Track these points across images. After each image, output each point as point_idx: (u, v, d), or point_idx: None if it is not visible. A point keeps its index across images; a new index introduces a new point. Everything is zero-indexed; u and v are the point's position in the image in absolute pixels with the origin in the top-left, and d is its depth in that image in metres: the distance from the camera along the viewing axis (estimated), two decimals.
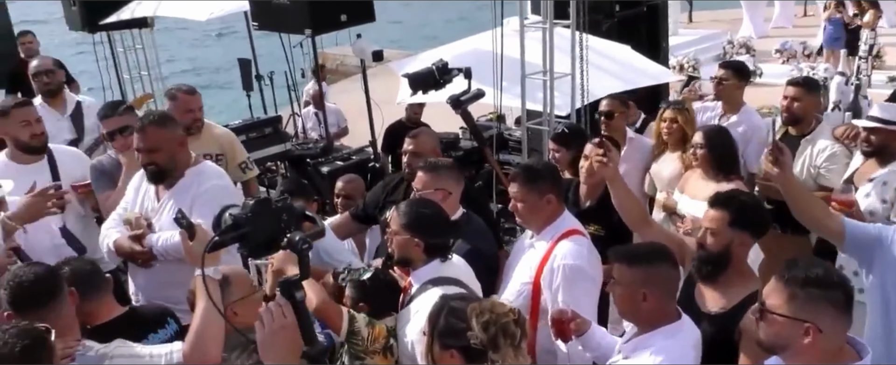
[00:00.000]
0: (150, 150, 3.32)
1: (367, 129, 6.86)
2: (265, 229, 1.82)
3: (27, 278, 2.49)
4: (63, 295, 2.53)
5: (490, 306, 2.17)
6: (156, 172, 3.35)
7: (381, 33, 6.10)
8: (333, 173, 6.05)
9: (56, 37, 12.80)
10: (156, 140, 3.33)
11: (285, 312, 1.80)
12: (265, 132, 5.95)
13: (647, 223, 3.29)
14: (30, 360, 2.08)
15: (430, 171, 3.35)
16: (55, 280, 2.55)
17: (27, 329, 2.12)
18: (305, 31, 5.63)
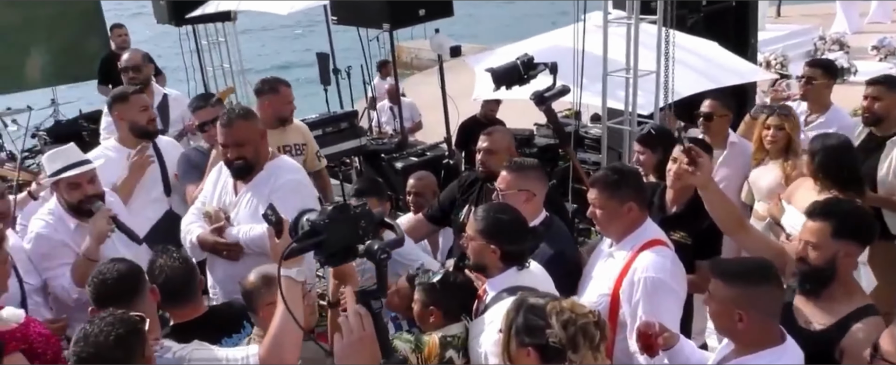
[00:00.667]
0: (238, 144, 3.31)
1: (440, 122, 6.78)
2: (342, 236, 1.74)
3: (111, 275, 2.50)
4: (144, 293, 2.54)
5: (570, 306, 2.07)
6: (243, 167, 3.33)
7: (455, 27, 6.01)
8: (407, 169, 5.99)
9: (148, 29, 13.24)
10: (244, 134, 3.32)
11: (365, 323, 1.71)
12: (341, 127, 5.94)
13: (744, 229, 3.06)
14: (125, 349, 2.06)
15: (515, 172, 3.22)
16: (138, 278, 2.55)
17: (123, 318, 2.10)
18: (383, 25, 5.58)
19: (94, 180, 3.29)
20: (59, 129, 7.45)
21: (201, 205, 3.51)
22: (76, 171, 3.21)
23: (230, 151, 3.31)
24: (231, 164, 3.35)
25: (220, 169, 3.52)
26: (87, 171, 3.24)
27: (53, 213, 3.30)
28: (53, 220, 3.28)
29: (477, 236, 2.69)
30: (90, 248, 3.16)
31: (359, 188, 3.64)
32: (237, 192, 3.42)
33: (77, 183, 3.23)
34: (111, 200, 3.46)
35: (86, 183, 3.23)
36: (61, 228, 3.27)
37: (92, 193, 3.23)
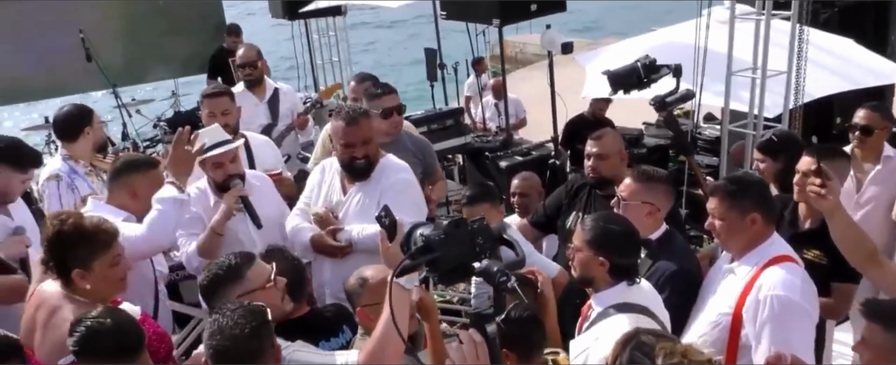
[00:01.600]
0: (364, 142, 3.27)
1: (545, 119, 6.55)
2: (458, 254, 1.60)
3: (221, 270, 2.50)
4: (306, 291, 2.60)
5: (683, 350, 1.84)
6: (366, 166, 3.30)
7: (562, 21, 5.77)
8: (511, 169, 5.83)
9: (261, 23, 13.65)
10: (368, 132, 3.30)
11: (480, 352, 1.57)
12: (446, 124, 5.85)
13: (876, 263, 2.70)
14: (259, 340, 2.04)
15: (642, 182, 3.01)
16: (302, 276, 2.60)
17: (254, 309, 2.08)
18: (493, 20, 5.43)
19: (236, 160, 3.39)
20: (178, 119, 7.72)
21: (304, 206, 3.47)
22: (217, 151, 3.31)
23: (356, 150, 3.27)
24: (352, 163, 3.29)
25: (323, 169, 3.48)
26: (227, 151, 3.34)
27: (201, 187, 3.45)
28: (198, 193, 3.42)
29: (584, 247, 2.51)
30: (217, 222, 3.26)
31: (472, 194, 3.47)
32: (346, 191, 3.36)
33: (220, 162, 3.34)
34: (256, 184, 3.53)
35: (227, 162, 3.34)
36: (202, 201, 3.40)
37: (233, 173, 3.33)
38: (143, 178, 3.26)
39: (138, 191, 3.23)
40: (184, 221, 3.35)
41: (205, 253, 3.27)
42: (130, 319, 2.32)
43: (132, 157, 3.26)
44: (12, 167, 3.28)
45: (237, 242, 3.39)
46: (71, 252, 2.52)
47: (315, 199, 3.45)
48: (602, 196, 3.64)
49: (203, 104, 4.15)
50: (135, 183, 3.26)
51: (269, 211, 3.54)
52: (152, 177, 3.27)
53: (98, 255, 2.52)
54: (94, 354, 2.17)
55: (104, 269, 2.54)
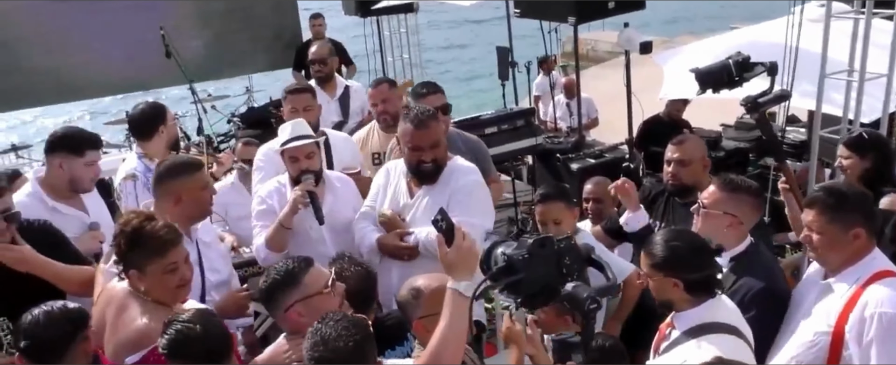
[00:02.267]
0: (434, 145, 3.19)
1: (617, 118, 6.32)
2: (543, 276, 1.48)
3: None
4: (374, 302, 2.54)
5: None
6: (434, 170, 3.21)
7: (636, 18, 5.52)
8: (583, 171, 5.64)
9: (333, 21, 13.79)
10: (437, 135, 3.22)
11: None
12: (517, 124, 5.68)
13: None
14: (362, 354, 1.99)
15: (728, 191, 2.84)
16: (372, 285, 2.56)
17: (358, 322, 2.02)
18: (569, 18, 5.25)
19: (313, 157, 3.34)
20: (251, 114, 7.82)
21: (370, 209, 3.39)
22: (294, 144, 3.29)
23: (425, 154, 3.18)
24: (419, 167, 3.21)
25: (388, 172, 3.40)
26: (302, 145, 3.30)
27: (282, 180, 3.44)
28: (277, 185, 3.41)
29: (653, 272, 2.36)
30: (285, 215, 3.24)
31: (546, 192, 3.31)
32: (412, 194, 3.28)
33: (295, 156, 3.31)
34: (337, 185, 3.49)
35: (303, 158, 3.31)
36: (279, 194, 3.39)
37: (308, 168, 3.28)
38: (187, 182, 3.06)
39: (183, 196, 3.04)
40: (259, 211, 3.35)
41: (272, 245, 3.27)
42: (219, 325, 2.30)
43: (175, 161, 3.13)
44: (69, 152, 3.27)
45: (307, 238, 3.36)
46: (128, 253, 2.52)
47: (381, 201, 3.37)
48: (681, 204, 3.46)
49: (285, 100, 4.11)
50: (178, 188, 3.05)
51: (347, 214, 3.48)
52: (197, 180, 3.11)
53: (152, 259, 2.49)
54: (184, 357, 2.18)
55: (158, 274, 2.52)
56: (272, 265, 2.49)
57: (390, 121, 4.10)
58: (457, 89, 14.78)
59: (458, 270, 2.05)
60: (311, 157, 3.35)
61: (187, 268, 2.60)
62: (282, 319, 2.39)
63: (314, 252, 3.07)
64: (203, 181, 3.14)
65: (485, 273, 1.63)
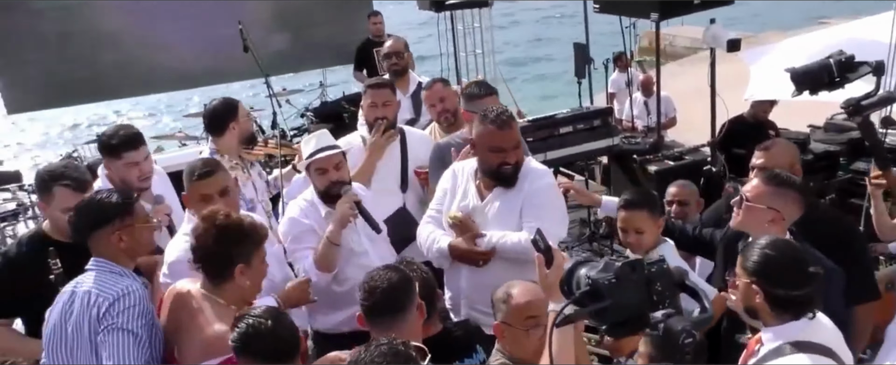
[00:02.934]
0: (516, 146, 3.04)
1: (696, 117, 6.00)
2: (632, 303, 1.32)
3: (380, 284, 2.32)
4: (414, 306, 2.36)
5: None
6: (513, 172, 3.06)
7: (719, 13, 5.20)
8: (662, 174, 5.38)
9: (398, 16, 13.78)
10: (518, 136, 3.08)
11: None
12: (593, 124, 5.46)
13: None
14: None
15: (772, 184, 2.71)
16: (409, 289, 2.36)
17: (399, 351, 1.88)
18: (651, 14, 5.00)
19: (341, 167, 3.22)
20: (324, 109, 7.86)
21: (436, 213, 3.25)
22: (321, 155, 3.16)
23: (508, 155, 3.02)
24: (499, 169, 3.04)
25: (455, 174, 3.24)
26: (331, 155, 3.18)
27: (308, 198, 3.29)
28: (307, 205, 3.27)
29: (742, 273, 2.21)
30: (333, 231, 3.09)
31: (631, 198, 3.09)
32: (483, 196, 3.13)
33: (323, 168, 3.18)
34: (362, 193, 3.36)
35: (331, 168, 3.18)
36: (312, 213, 3.24)
37: (337, 179, 3.16)
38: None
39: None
40: (296, 234, 3.21)
41: (322, 265, 3.11)
42: (290, 323, 2.25)
43: (190, 167, 3.06)
44: (109, 156, 3.29)
45: (351, 253, 3.23)
46: (236, 247, 2.44)
47: (448, 204, 3.21)
48: None
49: (365, 94, 4.00)
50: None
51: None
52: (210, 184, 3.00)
53: (258, 250, 2.46)
54: (253, 353, 2.15)
55: (258, 265, 2.49)
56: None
57: (451, 119, 4.00)
58: (530, 87, 14.58)
59: (558, 291, 1.93)
60: (340, 167, 3.21)
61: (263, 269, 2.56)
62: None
63: (359, 266, 3.03)
64: (217, 184, 2.98)
65: (565, 294, 1.48)
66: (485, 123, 3.01)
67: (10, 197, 6.22)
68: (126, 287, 2.41)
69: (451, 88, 4.20)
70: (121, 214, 2.46)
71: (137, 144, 3.35)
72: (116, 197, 2.50)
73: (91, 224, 2.47)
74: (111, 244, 2.47)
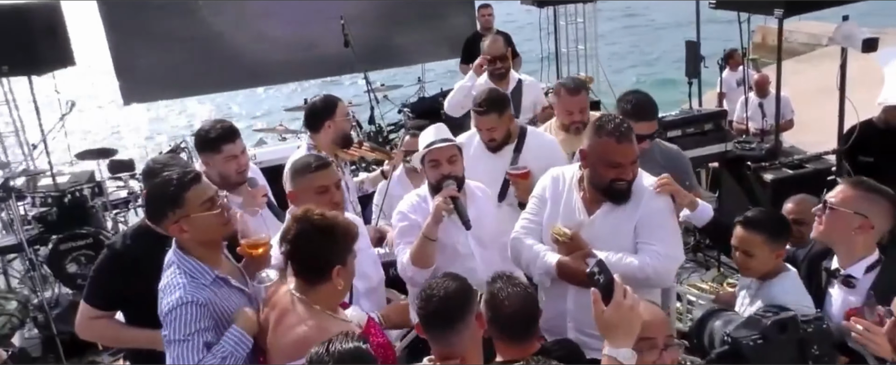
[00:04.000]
0: (634, 161, 2.76)
1: (813, 120, 5.47)
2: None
3: (437, 293, 2.22)
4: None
5: None
6: (627, 188, 2.78)
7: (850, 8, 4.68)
8: (779, 184, 4.94)
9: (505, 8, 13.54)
10: (636, 151, 2.78)
11: None
12: (705, 128, 5.06)
13: None
14: None
15: (860, 189, 2.53)
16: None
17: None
18: (775, 11, 4.56)
19: (454, 161, 3.08)
20: (422, 105, 7.76)
21: (533, 224, 2.98)
22: (436, 147, 3.05)
23: (625, 171, 2.73)
24: (613, 185, 2.75)
25: (556, 181, 2.97)
26: (444, 147, 3.04)
27: (422, 194, 3.20)
28: (418, 200, 3.17)
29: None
30: (427, 226, 2.97)
31: (749, 217, 2.72)
32: (590, 211, 2.85)
33: (436, 161, 3.06)
34: (478, 195, 3.22)
35: (444, 161, 3.05)
36: (421, 208, 3.12)
37: (449, 173, 3.02)
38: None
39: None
40: (402, 229, 3.12)
41: (417, 261, 2.99)
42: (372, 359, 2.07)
43: (300, 162, 3.00)
44: (208, 151, 3.27)
45: (455, 254, 3.09)
46: (335, 247, 2.32)
47: (549, 216, 2.93)
48: None
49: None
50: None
51: (491, 226, 3.19)
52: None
53: (352, 249, 2.36)
54: None
55: (351, 265, 2.37)
56: (434, 288, 2.25)
57: (582, 130, 3.71)
58: (635, 86, 13.97)
59: (616, 333, 1.78)
60: (454, 161, 3.06)
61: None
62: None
63: (463, 268, 2.83)
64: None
65: (692, 345, 1.25)
66: (601, 135, 2.71)
67: (123, 185, 6.46)
68: (178, 298, 2.32)
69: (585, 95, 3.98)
70: (171, 205, 2.38)
71: (234, 137, 3.35)
72: (168, 187, 2.41)
73: (152, 217, 2.45)
74: (176, 236, 2.42)
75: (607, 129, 2.69)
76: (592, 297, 1.83)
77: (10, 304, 4.57)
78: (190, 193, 2.39)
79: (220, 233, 2.48)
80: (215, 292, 2.40)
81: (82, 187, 5.74)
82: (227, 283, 2.48)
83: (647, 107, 3.42)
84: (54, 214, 5.62)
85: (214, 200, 2.43)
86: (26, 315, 4.74)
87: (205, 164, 3.39)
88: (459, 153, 3.11)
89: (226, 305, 2.42)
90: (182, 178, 2.42)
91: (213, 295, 2.38)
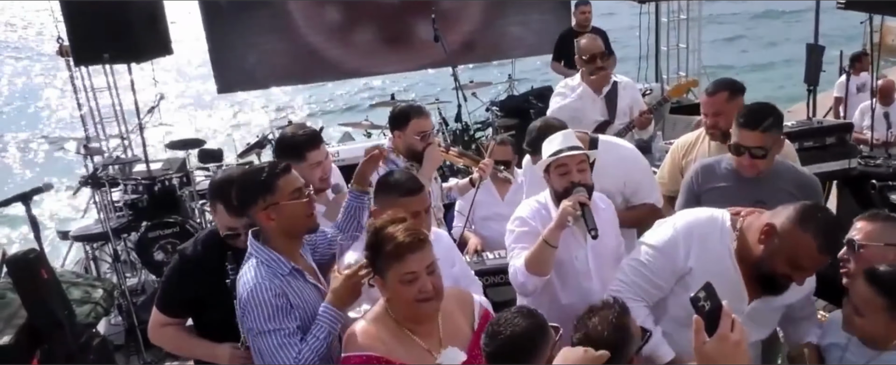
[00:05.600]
0: None
1: None
2: None
3: (504, 330, 2.06)
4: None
5: None
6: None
7: None
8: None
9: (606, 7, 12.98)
10: None
11: None
12: (827, 142, 4.47)
13: None
14: None
15: (880, 220, 2.39)
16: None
17: None
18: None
19: (584, 169, 2.82)
20: (510, 103, 7.43)
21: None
22: (567, 154, 2.79)
23: (807, 275, 2.34)
24: (783, 283, 2.31)
25: (704, 240, 2.47)
26: (575, 154, 2.79)
27: (542, 200, 2.94)
28: (538, 206, 2.92)
29: None
30: (550, 230, 2.70)
31: (880, 274, 2.21)
32: (748, 300, 2.43)
33: (566, 167, 2.79)
34: (601, 206, 2.91)
35: (574, 169, 2.78)
36: (540, 216, 2.87)
37: (579, 181, 2.76)
38: None
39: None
40: (518, 234, 2.87)
41: (533, 267, 2.71)
42: None
43: (392, 180, 2.77)
44: (292, 158, 3.09)
45: (571, 269, 2.83)
46: (376, 258, 2.18)
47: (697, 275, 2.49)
48: None
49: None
50: None
51: (612, 243, 2.88)
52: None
53: (391, 264, 2.13)
54: None
55: (395, 284, 2.14)
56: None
57: (719, 137, 3.37)
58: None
59: None
60: (583, 169, 2.78)
61: (430, 282, 2.14)
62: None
63: (577, 287, 2.64)
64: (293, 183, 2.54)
65: None
66: (807, 231, 2.16)
67: (211, 175, 6.47)
68: (254, 287, 2.31)
69: (736, 101, 3.40)
70: (263, 191, 2.38)
71: (318, 143, 3.21)
72: (260, 174, 2.42)
73: (242, 202, 2.44)
74: (263, 223, 2.41)
75: (816, 230, 2.16)
76: (694, 325, 1.58)
77: (97, 292, 4.57)
78: (281, 180, 2.40)
79: (304, 224, 2.46)
80: (289, 283, 2.36)
81: (171, 176, 5.76)
82: (303, 276, 2.43)
83: (758, 115, 2.88)
84: (145, 201, 5.66)
85: (303, 190, 2.45)
86: (111, 303, 4.75)
87: None
88: (588, 162, 2.84)
89: (299, 297, 2.38)
90: (274, 166, 2.45)
91: (287, 285, 2.35)
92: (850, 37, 8.32)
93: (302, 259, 2.52)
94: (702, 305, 1.58)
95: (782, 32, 16.69)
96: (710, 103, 3.41)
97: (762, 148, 2.83)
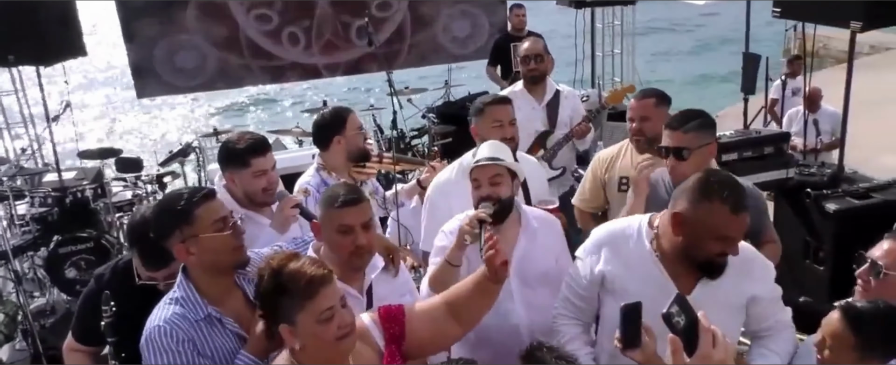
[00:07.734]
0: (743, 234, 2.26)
1: (860, 135, 4.75)
2: None
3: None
4: None
5: None
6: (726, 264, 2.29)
7: None
8: (842, 215, 4.30)
9: None
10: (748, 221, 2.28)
11: None
12: (764, 152, 4.43)
13: None
14: None
15: None
16: None
17: None
18: (852, 23, 3.94)
19: (499, 183, 2.66)
20: (447, 110, 7.21)
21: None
22: (480, 164, 2.66)
23: (734, 246, 2.21)
24: (717, 260, 2.23)
25: (621, 237, 2.43)
26: (486, 166, 2.65)
27: (471, 213, 2.66)
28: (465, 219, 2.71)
29: None
30: (450, 250, 2.56)
31: (857, 310, 2.03)
32: (681, 287, 2.27)
33: (477, 180, 2.68)
34: (534, 225, 2.73)
35: (485, 182, 2.65)
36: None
37: (487, 195, 2.62)
38: None
39: None
40: (439, 247, 2.69)
41: (435, 285, 2.53)
42: None
43: (330, 192, 2.51)
44: (235, 165, 2.91)
45: None
46: (278, 304, 1.86)
47: (613, 278, 2.40)
48: None
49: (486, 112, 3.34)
50: None
51: (546, 264, 2.67)
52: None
53: (303, 305, 1.82)
54: None
55: (310, 327, 1.82)
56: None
57: (644, 144, 3.30)
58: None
59: None
60: (497, 182, 2.59)
61: (346, 315, 1.87)
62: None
63: (497, 308, 2.34)
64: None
65: None
66: (713, 201, 2.11)
67: (128, 185, 6.00)
68: (154, 328, 2.04)
69: (664, 110, 3.36)
70: (179, 222, 2.09)
71: (265, 150, 2.95)
72: (178, 202, 2.12)
73: (157, 233, 2.16)
74: (181, 258, 2.13)
75: (721, 196, 2.10)
76: (671, 345, 1.43)
77: None
78: (201, 209, 2.11)
79: (230, 259, 2.16)
80: (201, 329, 2.08)
81: (85, 187, 5.30)
82: (221, 323, 2.10)
83: (682, 116, 2.90)
84: (55, 214, 5.19)
85: (227, 220, 2.14)
86: (14, 328, 4.29)
87: (229, 179, 2.99)
88: (509, 174, 2.64)
89: (210, 346, 2.09)
90: (194, 193, 2.15)
91: (198, 332, 2.07)
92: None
93: (232, 298, 2.19)
94: (676, 321, 1.43)
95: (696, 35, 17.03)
96: (638, 108, 3.36)
97: (685, 149, 2.81)
